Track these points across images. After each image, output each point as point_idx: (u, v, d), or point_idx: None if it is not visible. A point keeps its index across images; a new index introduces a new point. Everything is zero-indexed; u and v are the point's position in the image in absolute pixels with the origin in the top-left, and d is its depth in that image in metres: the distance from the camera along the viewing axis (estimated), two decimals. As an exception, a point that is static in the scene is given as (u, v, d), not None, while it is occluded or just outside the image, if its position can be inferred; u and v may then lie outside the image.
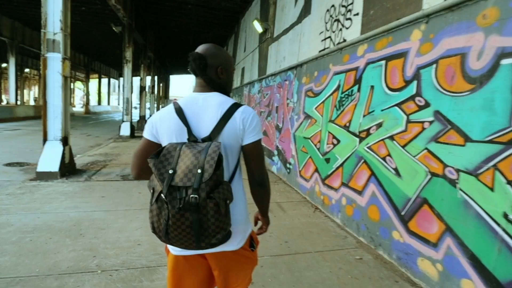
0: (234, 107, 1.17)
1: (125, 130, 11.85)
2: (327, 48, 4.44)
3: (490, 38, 1.94)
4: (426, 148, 2.47)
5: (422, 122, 2.52)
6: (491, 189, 1.93)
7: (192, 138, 1.12)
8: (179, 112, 1.16)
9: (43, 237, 3.05)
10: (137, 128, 14.51)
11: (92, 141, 10.84)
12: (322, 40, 4.63)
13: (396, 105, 2.87)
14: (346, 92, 3.84)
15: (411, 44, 2.68)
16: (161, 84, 25.26)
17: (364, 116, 3.41)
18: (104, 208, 4.02)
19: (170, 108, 1.20)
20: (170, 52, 22.79)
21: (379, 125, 3.12)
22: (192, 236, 0.98)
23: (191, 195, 0.95)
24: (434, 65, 2.40)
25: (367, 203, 3.32)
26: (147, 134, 1.22)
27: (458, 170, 2.17)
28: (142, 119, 15.59)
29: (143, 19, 13.88)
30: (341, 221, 3.87)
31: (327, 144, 4.31)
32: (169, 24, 15.10)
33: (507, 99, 1.85)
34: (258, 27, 8.24)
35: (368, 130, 3.32)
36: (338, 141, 3.99)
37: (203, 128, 1.15)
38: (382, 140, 3.06)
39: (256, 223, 1.44)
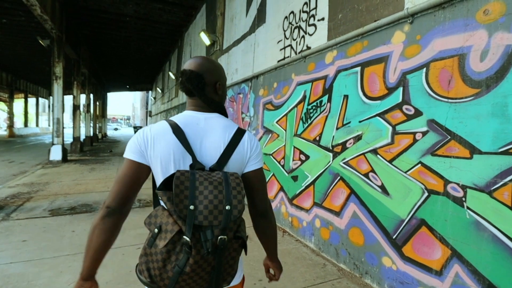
0: (241, 132, 1.06)
1: (56, 154, 10.18)
2: (288, 57, 4.12)
3: (496, 35, 1.74)
4: (420, 162, 2.19)
5: (413, 133, 2.25)
6: (511, 207, 1.67)
7: (199, 166, 0.95)
8: (178, 132, 0.99)
9: None
10: (70, 151, 12.58)
11: (16, 169, 9.02)
12: (281, 49, 4.31)
13: (377, 115, 2.59)
14: (314, 103, 3.51)
15: (393, 47, 2.44)
16: (97, 103, 22.93)
17: (337, 128, 3.09)
18: (25, 257, 3.06)
19: (164, 126, 1.01)
20: (108, 68, 21.44)
21: (358, 138, 2.81)
22: (206, 283, 0.88)
23: (220, 236, 0.83)
24: (424, 69, 2.16)
25: (347, 225, 2.95)
26: (135, 154, 0.98)
27: (464, 187, 1.90)
28: (77, 141, 13.68)
29: (75, 32, 12.56)
30: (315, 245, 3.44)
31: (294, 160, 3.91)
32: (106, 38, 14.03)
33: (521, 104, 1.63)
34: (205, 39, 7.75)
35: (343, 143, 3.00)
36: (307, 157, 3.62)
37: (208, 154, 1.00)
38: (363, 154, 2.74)
39: (267, 271, 1.29)
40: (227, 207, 0.85)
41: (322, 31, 3.38)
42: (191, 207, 0.83)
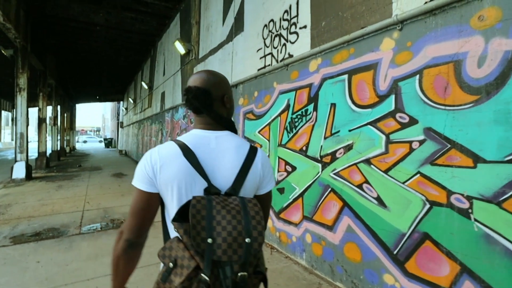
0: (254, 152, 1.01)
1: (19, 171, 9.23)
2: (269, 65, 3.99)
3: (493, 41, 1.68)
4: (419, 172, 2.09)
5: (409, 142, 2.15)
6: (522, 219, 1.59)
7: (214, 190, 0.88)
8: (190, 155, 0.91)
9: None
10: (35, 167, 11.44)
11: (-27, 190, 7.93)
12: (262, 58, 4.17)
13: (369, 123, 2.48)
14: (299, 112, 3.38)
15: (382, 55, 2.35)
16: (65, 114, 21.44)
17: (325, 138, 2.97)
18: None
19: (173, 148, 0.93)
20: (77, 78, 20.34)
21: (348, 148, 2.69)
22: None
23: (240, 273, 0.77)
24: (417, 76, 2.08)
25: (341, 240, 2.80)
26: (144, 184, 0.92)
27: (469, 198, 1.81)
28: (42, 156, 12.48)
29: (42, 42, 11.71)
30: (307, 263, 3.26)
31: (279, 171, 3.74)
32: (75, 47, 13.31)
33: (524, 109, 1.56)
34: (180, 48, 7.49)
35: (333, 153, 2.87)
36: (294, 168, 3.46)
37: (222, 177, 0.93)
38: (355, 164, 2.62)
39: None
40: (247, 240, 0.78)
41: (304, 39, 3.28)
42: (209, 240, 0.77)
